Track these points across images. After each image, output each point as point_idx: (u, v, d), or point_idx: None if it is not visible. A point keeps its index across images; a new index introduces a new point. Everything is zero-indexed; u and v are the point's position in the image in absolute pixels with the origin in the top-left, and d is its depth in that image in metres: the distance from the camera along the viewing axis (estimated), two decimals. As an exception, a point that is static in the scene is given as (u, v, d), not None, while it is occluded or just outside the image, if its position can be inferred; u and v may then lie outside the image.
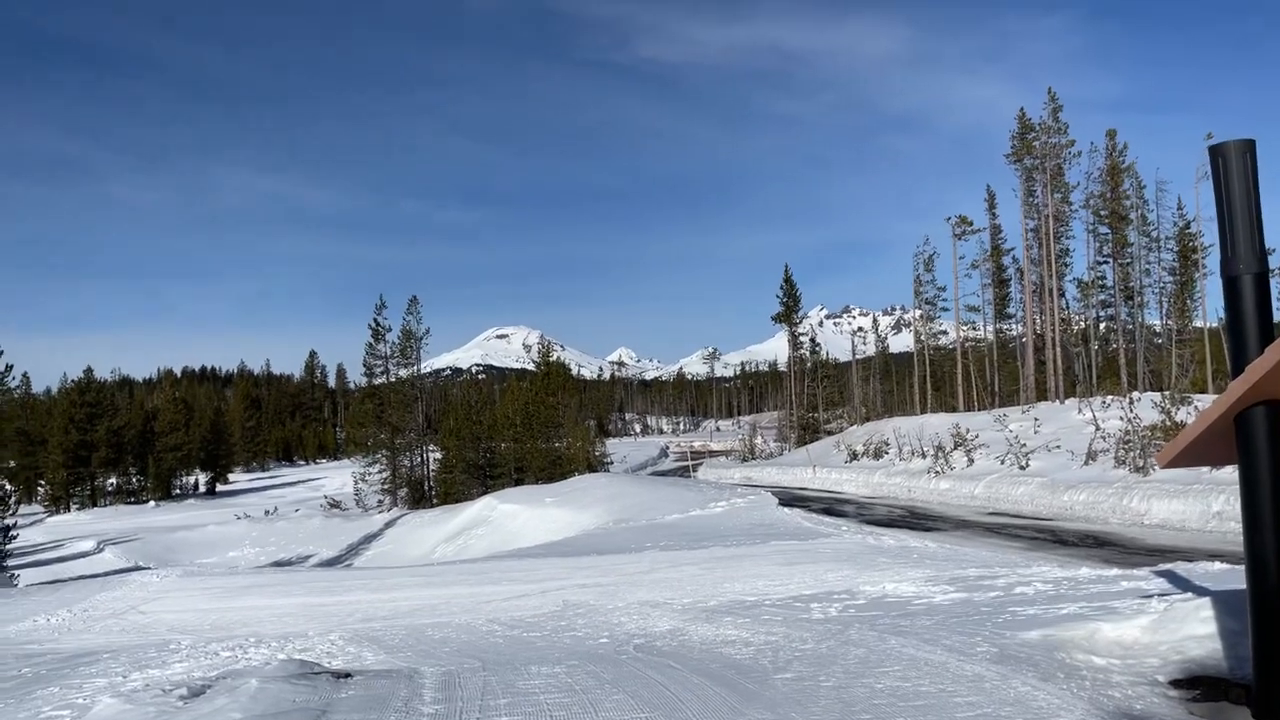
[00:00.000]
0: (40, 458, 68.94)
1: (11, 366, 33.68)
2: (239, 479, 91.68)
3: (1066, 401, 31.51)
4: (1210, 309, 43.69)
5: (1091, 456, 20.07)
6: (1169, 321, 43.81)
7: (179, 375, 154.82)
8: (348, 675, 6.58)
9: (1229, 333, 5.47)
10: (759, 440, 54.42)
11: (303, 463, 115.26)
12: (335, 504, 50.35)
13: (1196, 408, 20.24)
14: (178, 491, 77.49)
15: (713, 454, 66.19)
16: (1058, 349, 40.71)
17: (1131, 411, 20.00)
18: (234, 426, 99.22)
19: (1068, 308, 45.39)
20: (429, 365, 56.36)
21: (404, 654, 8.37)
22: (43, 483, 70.04)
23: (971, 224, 47.41)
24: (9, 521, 38.38)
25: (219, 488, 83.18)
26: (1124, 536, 14.29)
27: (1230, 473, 15.09)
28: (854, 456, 31.99)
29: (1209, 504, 15.02)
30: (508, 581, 12.87)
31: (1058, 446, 21.99)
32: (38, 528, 49.79)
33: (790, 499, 23.25)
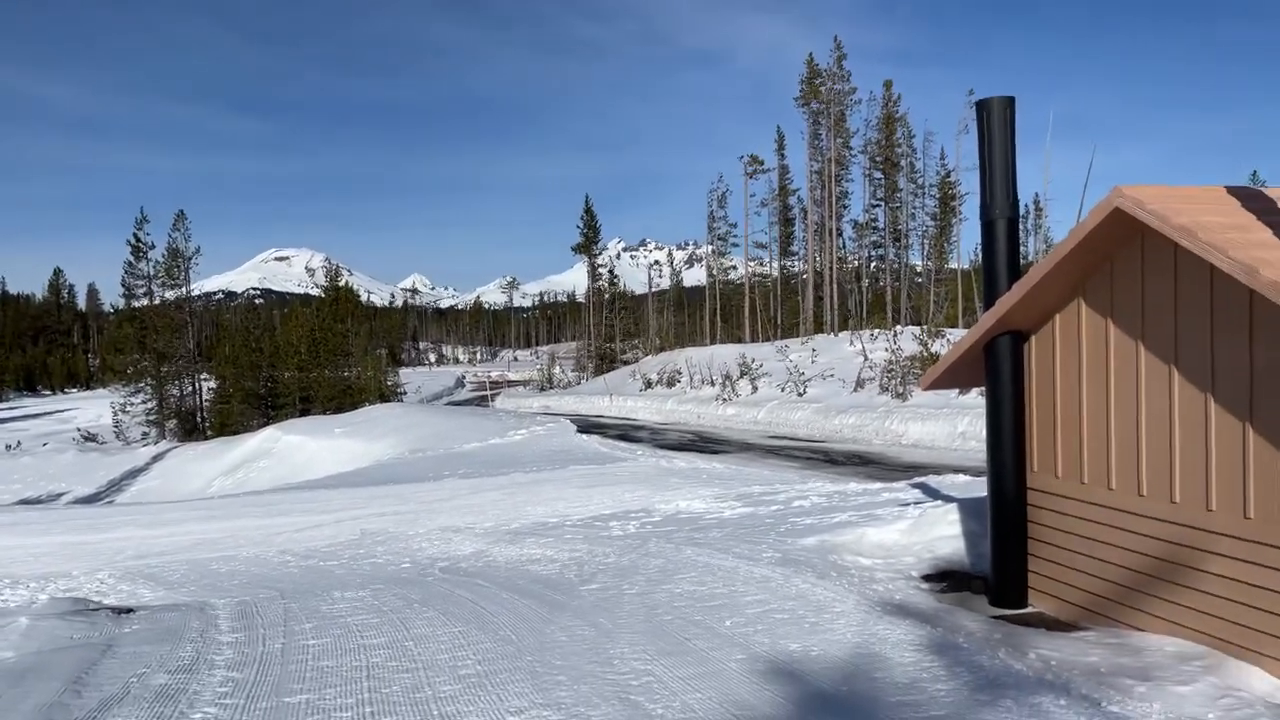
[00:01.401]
0: None
1: None
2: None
3: (840, 334, 34.14)
4: (964, 252, 48.52)
5: (860, 384, 22.00)
6: (929, 262, 48.29)
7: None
8: (129, 610, 6.19)
9: (984, 270, 6.20)
10: (557, 370, 54.90)
11: (49, 393, 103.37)
12: (91, 437, 45.76)
13: (949, 340, 22.60)
14: (-110, 426, 67.38)
15: (511, 384, 66.04)
16: (835, 285, 43.83)
17: (894, 344, 22.07)
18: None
19: (844, 247, 48.84)
20: (199, 287, 52.00)
21: (187, 589, 7.96)
22: None
23: (763, 164, 49.52)
24: None
25: (-56, 421, 73.13)
26: (886, 455, 15.90)
27: (973, 397, 17.10)
28: (649, 385, 33.12)
29: (955, 425, 16.99)
30: (299, 513, 12.41)
31: (831, 375, 23.90)
32: None
33: (588, 426, 23.82)
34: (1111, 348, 4.88)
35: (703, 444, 19.26)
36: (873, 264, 49.93)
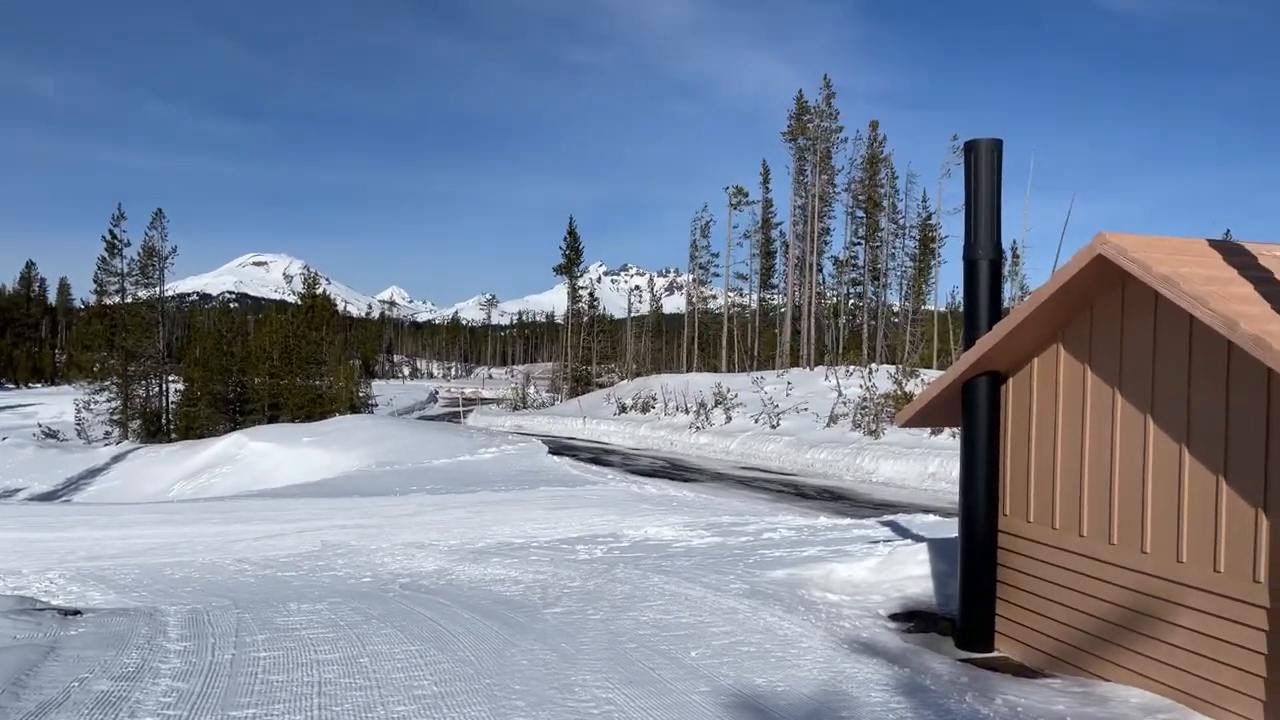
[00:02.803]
0: None
1: None
2: (-73, 401, 79.16)
3: (816, 369, 34.29)
4: (942, 294, 49.01)
5: (833, 419, 22.05)
6: (906, 302, 48.75)
7: None
8: (76, 613, 5.99)
9: (965, 310, 6.21)
10: (532, 390, 54.65)
11: (12, 386, 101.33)
12: (52, 434, 44.75)
13: (923, 380, 22.75)
14: None
15: (484, 401, 65.62)
16: (813, 320, 44.11)
17: (869, 380, 22.17)
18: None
19: (824, 282, 49.22)
20: (173, 288, 51.39)
21: (138, 593, 7.73)
22: None
23: (747, 196, 49.92)
24: None
25: (-100, 410, 71.40)
26: (856, 491, 15.90)
27: (945, 438, 17.18)
28: (623, 409, 33.02)
29: (926, 465, 17.04)
30: (259, 521, 12.15)
31: (805, 409, 23.95)
32: None
33: (560, 448, 23.66)
34: (1088, 393, 4.88)
35: (675, 471, 19.17)
36: (851, 301, 50.33)
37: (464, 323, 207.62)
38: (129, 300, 47.37)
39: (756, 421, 24.08)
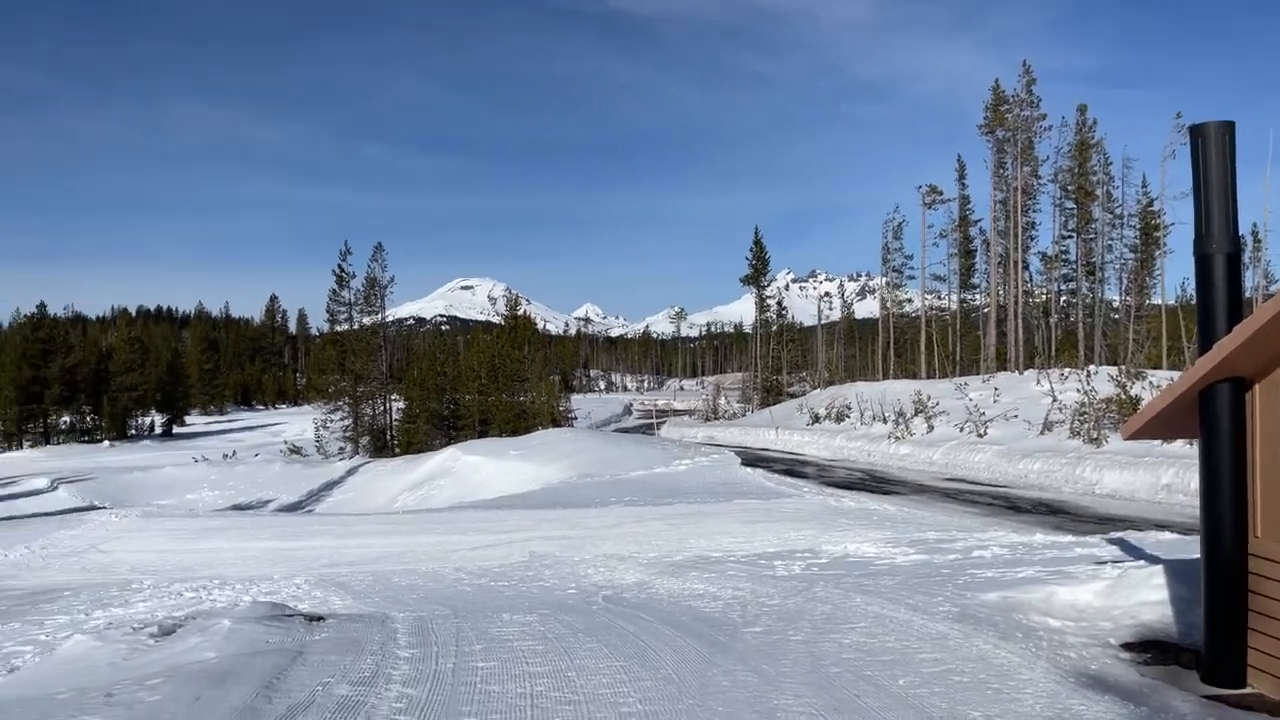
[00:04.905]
0: (-10, 394, 67.33)
1: (-40, 299, 32.51)
2: (196, 421, 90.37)
3: (1025, 372, 32.10)
4: (1169, 286, 44.64)
5: (1048, 427, 20.54)
6: (1127, 298, 44.66)
7: (134, 314, 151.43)
8: (320, 618, 6.61)
9: (1198, 310, 5.60)
10: (722, 401, 54.78)
11: (262, 407, 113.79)
12: (296, 450, 49.91)
13: (1151, 383, 20.74)
14: (133, 432, 76.21)
15: (676, 413, 66.56)
16: (1019, 320, 41.36)
17: (1088, 384, 20.45)
18: (191, 368, 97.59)
19: (1031, 280, 46.05)
20: (393, 314, 55.76)
21: (372, 599, 8.41)
22: (-7, 419, 68.51)
23: (941, 193, 47.67)
24: (-42, 457, 37.55)
25: (176, 430, 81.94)
26: (1076, 505, 14.70)
27: (1180, 446, 15.55)
28: (816, 419, 32.38)
29: (1158, 476, 15.48)
30: (474, 531, 12.93)
31: (1015, 416, 22.47)
32: (-13, 464, 48.80)
33: (753, 459, 23.54)
34: (1359, 401, 4.27)
35: (873, 483, 18.56)
36: (1063, 299, 46.77)
37: (654, 336, 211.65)
38: (355, 327, 51.93)
39: (961, 430, 22.88)
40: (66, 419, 70.86)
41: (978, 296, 50.40)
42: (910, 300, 55.49)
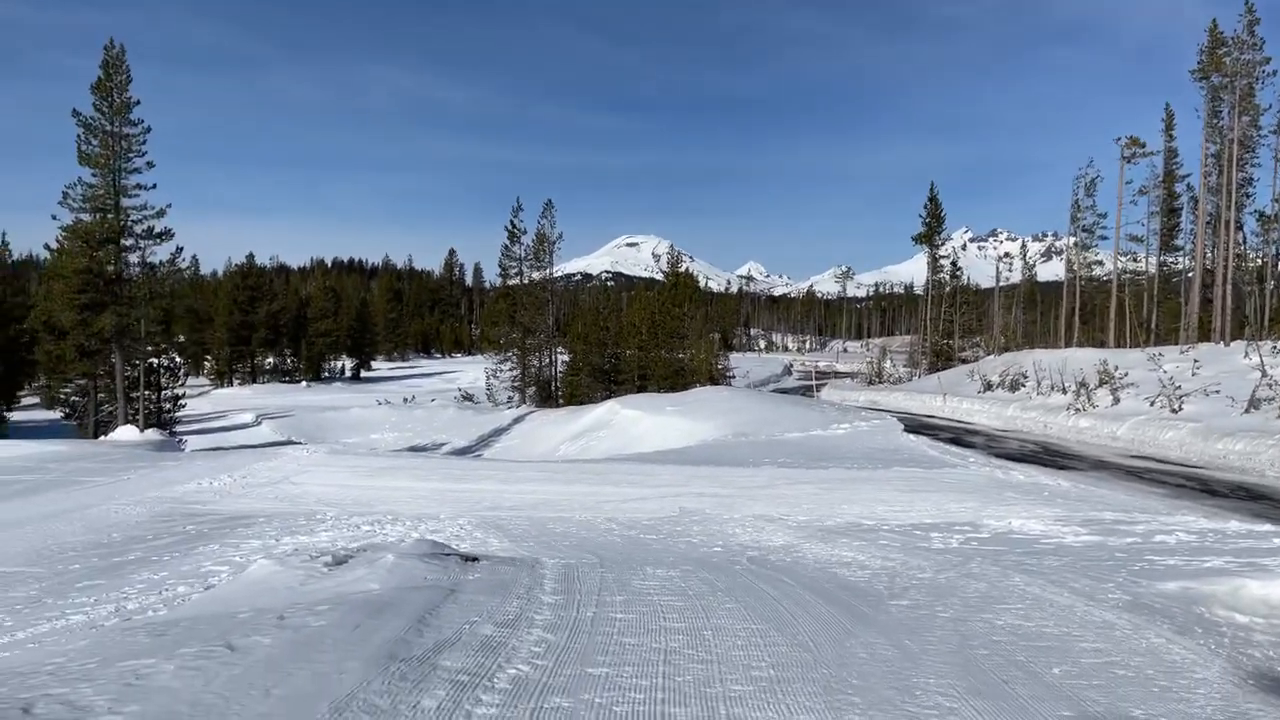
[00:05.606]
0: (207, 334, 74.90)
1: (182, 248, 36.18)
2: (381, 367, 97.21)
3: (1232, 344, 29.06)
4: None
5: (1254, 404, 18.59)
6: (1363, 263, 39.51)
7: (329, 265, 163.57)
8: (475, 559, 6.95)
9: None
10: (888, 364, 53.05)
11: (439, 356, 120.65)
12: (468, 397, 52.75)
13: (1387, 360, 18.28)
14: (326, 374, 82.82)
15: (838, 375, 65.11)
16: (1228, 286, 37.44)
17: (1308, 359, 18.32)
18: (378, 317, 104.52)
19: (1244, 242, 41.51)
20: (560, 269, 57.32)
21: (526, 544, 8.76)
22: (208, 358, 76.29)
23: (1143, 146, 43.54)
24: (179, 391, 42.15)
25: (363, 373, 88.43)
26: (1283, 492, 13.27)
27: None
28: (988, 387, 30.77)
29: (1388, 466, 13.72)
30: (627, 484, 13.20)
31: (1217, 390, 20.46)
32: (204, 399, 54.48)
33: (916, 426, 22.70)
34: None
35: (1047, 457, 17.47)
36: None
37: (819, 295, 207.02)
38: (526, 281, 53.82)
39: (1152, 404, 21.13)
40: (270, 360, 77.84)
41: (1181, 259, 46.12)
42: (1101, 263, 51.53)
